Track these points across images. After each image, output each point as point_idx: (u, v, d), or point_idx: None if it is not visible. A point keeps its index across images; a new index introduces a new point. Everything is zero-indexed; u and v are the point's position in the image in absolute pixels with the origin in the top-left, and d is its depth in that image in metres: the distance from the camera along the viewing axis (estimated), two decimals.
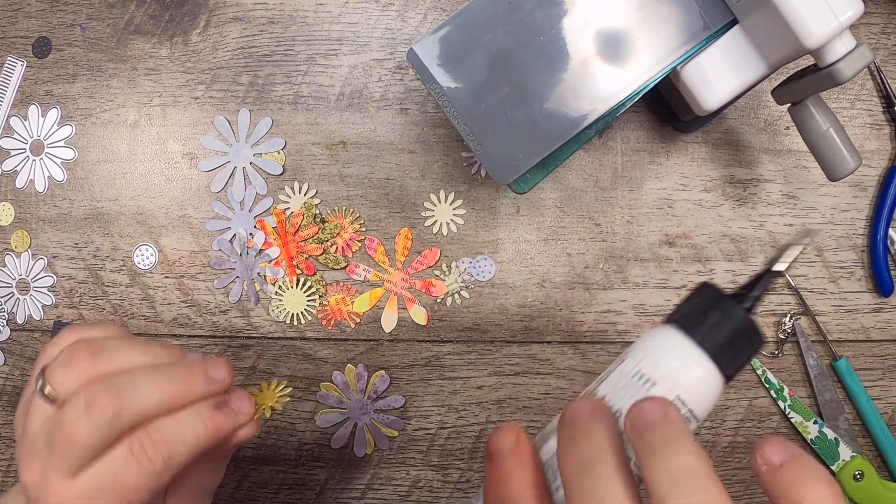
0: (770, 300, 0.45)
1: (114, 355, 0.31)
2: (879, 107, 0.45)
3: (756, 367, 0.45)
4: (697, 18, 0.34)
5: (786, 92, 0.37)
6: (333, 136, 0.46)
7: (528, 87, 0.34)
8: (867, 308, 0.45)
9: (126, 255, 0.46)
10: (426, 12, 0.46)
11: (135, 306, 0.46)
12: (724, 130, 0.45)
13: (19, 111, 0.47)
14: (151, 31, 0.46)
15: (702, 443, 0.45)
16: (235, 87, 0.46)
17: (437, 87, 0.34)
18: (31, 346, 0.47)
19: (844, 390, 0.45)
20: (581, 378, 0.45)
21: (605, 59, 0.34)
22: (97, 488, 0.30)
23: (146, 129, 0.46)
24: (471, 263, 0.45)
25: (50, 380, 0.30)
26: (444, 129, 0.45)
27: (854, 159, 0.36)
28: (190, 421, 0.31)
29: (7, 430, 0.47)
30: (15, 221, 0.47)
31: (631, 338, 0.45)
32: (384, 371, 0.45)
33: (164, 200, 0.46)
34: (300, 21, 0.46)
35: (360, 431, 0.45)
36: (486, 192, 0.45)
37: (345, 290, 0.45)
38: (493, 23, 0.33)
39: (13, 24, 0.47)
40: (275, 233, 0.45)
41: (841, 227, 0.45)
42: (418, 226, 0.45)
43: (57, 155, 0.47)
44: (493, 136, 0.34)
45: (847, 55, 0.32)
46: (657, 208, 0.45)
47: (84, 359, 0.30)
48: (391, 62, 0.46)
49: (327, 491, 0.46)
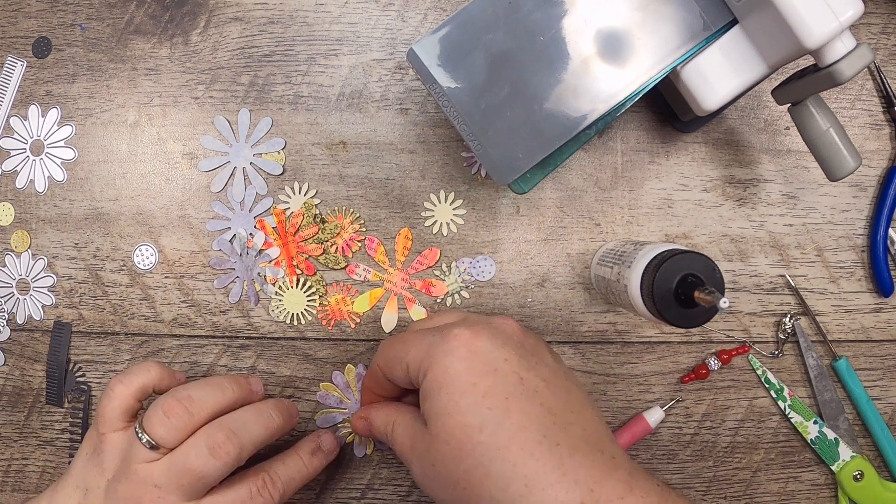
0: (770, 300, 0.45)
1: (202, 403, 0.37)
2: (879, 107, 0.45)
3: (756, 367, 0.45)
4: (697, 18, 0.34)
5: (786, 92, 0.37)
6: (333, 136, 0.46)
7: (528, 87, 0.34)
8: (867, 308, 0.45)
9: (126, 255, 0.46)
10: (426, 12, 0.46)
11: (135, 306, 0.46)
12: (724, 130, 0.45)
13: (19, 111, 0.47)
14: (151, 31, 0.46)
15: (702, 443, 0.45)
16: (235, 87, 0.46)
17: (437, 87, 0.34)
18: (31, 346, 0.47)
19: (844, 390, 0.45)
20: (581, 378, 0.45)
21: (605, 59, 0.34)
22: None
23: (146, 129, 0.46)
24: (471, 263, 0.45)
25: (151, 433, 0.36)
26: (444, 129, 0.45)
27: (854, 159, 0.36)
28: (297, 465, 0.40)
29: (7, 430, 0.47)
30: (15, 221, 0.47)
31: (631, 338, 0.45)
32: None
33: (164, 200, 0.46)
34: (300, 21, 0.46)
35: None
36: (486, 192, 0.45)
37: (345, 290, 0.45)
38: (493, 23, 0.33)
39: (13, 24, 0.47)
40: (275, 233, 0.46)
41: (841, 227, 0.45)
42: (418, 226, 0.45)
43: (57, 155, 0.47)
44: (493, 136, 0.34)
45: (847, 55, 0.32)
46: (657, 208, 0.45)
47: (181, 413, 0.36)
48: (391, 62, 0.46)
49: (327, 491, 0.46)
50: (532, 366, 0.33)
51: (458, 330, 0.33)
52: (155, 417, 0.36)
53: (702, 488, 0.45)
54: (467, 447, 0.31)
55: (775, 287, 0.45)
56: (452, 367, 0.32)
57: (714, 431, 0.45)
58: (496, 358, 0.32)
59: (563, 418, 0.31)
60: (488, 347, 0.33)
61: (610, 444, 0.32)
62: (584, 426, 0.32)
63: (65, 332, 0.46)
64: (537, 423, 0.31)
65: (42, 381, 0.47)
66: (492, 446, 0.30)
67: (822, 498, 0.45)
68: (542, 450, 0.30)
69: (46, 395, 0.46)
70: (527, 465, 0.30)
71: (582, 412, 0.33)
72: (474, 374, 0.32)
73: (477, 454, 0.30)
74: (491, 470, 0.30)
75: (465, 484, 0.31)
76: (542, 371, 0.33)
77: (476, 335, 0.33)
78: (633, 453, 0.45)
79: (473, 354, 0.32)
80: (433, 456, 0.32)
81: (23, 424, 0.47)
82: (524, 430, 0.30)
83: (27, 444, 0.47)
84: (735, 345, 0.45)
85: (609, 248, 0.43)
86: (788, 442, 0.45)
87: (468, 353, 0.32)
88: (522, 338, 0.35)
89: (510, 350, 0.33)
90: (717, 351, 0.45)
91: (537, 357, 0.34)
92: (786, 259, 0.45)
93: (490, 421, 0.31)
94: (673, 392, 0.45)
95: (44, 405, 0.47)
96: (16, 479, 0.47)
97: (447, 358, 0.32)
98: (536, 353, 0.35)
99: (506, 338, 0.34)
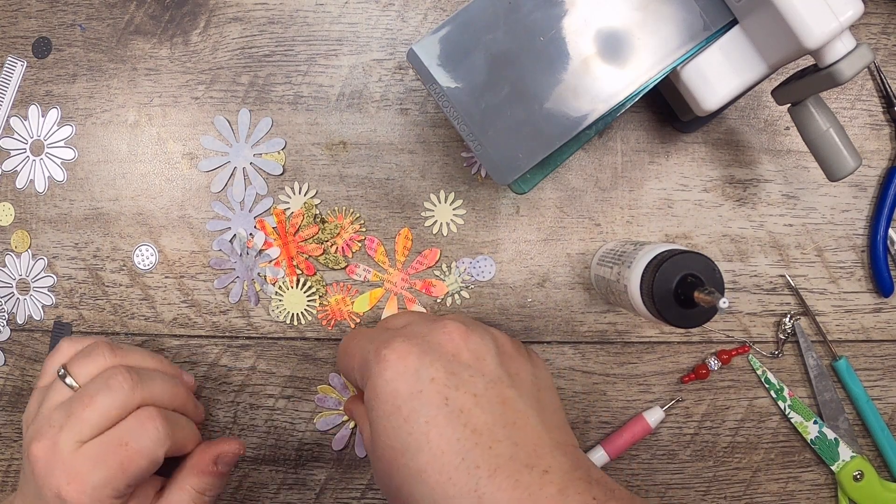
0: (770, 300, 0.45)
1: (129, 354, 0.38)
2: (879, 107, 0.45)
3: (756, 367, 0.45)
4: (697, 18, 0.34)
5: (786, 92, 0.37)
6: (333, 137, 0.46)
7: (528, 88, 0.34)
8: (867, 308, 0.45)
9: (126, 255, 0.46)
10: (426, 12, 0.46)
11: (135, 306, 0.46)
12: (724, 130, 0.45)
13: (19, 111, 0.47)
14: (151, 31, 0.46)
15: (702, 443, 0.45)
16: (235, 88, 0.46)
17: (437, 87, 0.34)
18: (31, 346, 0.47)
19: (844, 390, 0.45)
20: (581, 378, 0.45)
21: (605, 59, 0.34)
22: (103, 453, 0.34)
23: (146, 129, 0.46)
24: (471, 263, 0.45)
25: (71, 370, 0.36)
26: (444, 129, 0.45)
27: (854, 159, 0.36)
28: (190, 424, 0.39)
29: (7, 430, 0.47)
30: (15, 221, 0.47)
31: (631, 338, 0.45)
32: None
33: (164, 200, 0.46)
34: (300, 21, 0.46)
35: (360, 432, 0.45)
36: (486, 192, 0.45)
37: (345, 290, 0.45)
38: (493, 23, 0.33)
39: (13, 24, 0.47)
40: (275, 233, 0.46)
41: (841, 227, 0.45)
42: (418, 226, 0.45)
43: (57, 155, 0.47)
44: (493, 136, 0.34)
45: (847, 55, 0.32)
46: (657, 208, 0.45)
47: (103, 352, 0.37)
48: (391, 62, 0.46)
49: (327, 491, 0.46)
50: (462, 382, 0.32)
51: (387, 350, 0.33)
52: (79, 355, 0.37)
53: (702, 488, 0.45)
54: (394, 468, 0.32)
55: (775, 287, 0.45)
56: (380, 388, 0.33)
57: (714, 431, 0.45)
58: (422, 378, 0.32)
59: (488, 436, 0.31)
60: (415, 367, 0.32)
61: (547, 455, 0.31)
62: (516, 440, 0.31)
63: (65, 332, 0.46)
64: (457, 446, 0.30)
65: None
66: (413, 470, 0.31)
67: (822, 498, 0.45)
68: (460, 474, 0.30)
69: None
70: (445, 490, 0.30)
71: (517, 424, 0.32)
72: (398, 397, 0.32)
73: (402, 475, 0.31)
74: (414, 491, 0.31)
75: (398, 497, 0.32)
76: (475, 385, 0.33)
77: (404, 355, 0.33)
78: (634, 453, 0.45)
79: (399, 376, 0.32)
80: (374, 465, 0.34)
81: None
82: (442, 456, 0.30)
83: None
84: (735, 345, 0.45)
85: (609, 248, 0.43)
86: (788, 442, 0.45)
87: (394, 374, 0.32)
88: (461, 347, 0.34)
89: (438, 367, 0.32)
90: (717, 351, 0.45)
91: (474, 368, 0.33)
92: (786, 259, 0.45)
93: (411, 446, 0.31)
94: (673, 392, 0.45)
95: None
96: (16, 479, 0.47)
97: (378, 379, 0.33)
98: (475, 363, 0.34)
99: (437, 354, 0.33)
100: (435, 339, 0.34)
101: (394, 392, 0.32)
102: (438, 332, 0.34)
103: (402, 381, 0.32)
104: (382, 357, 0.33)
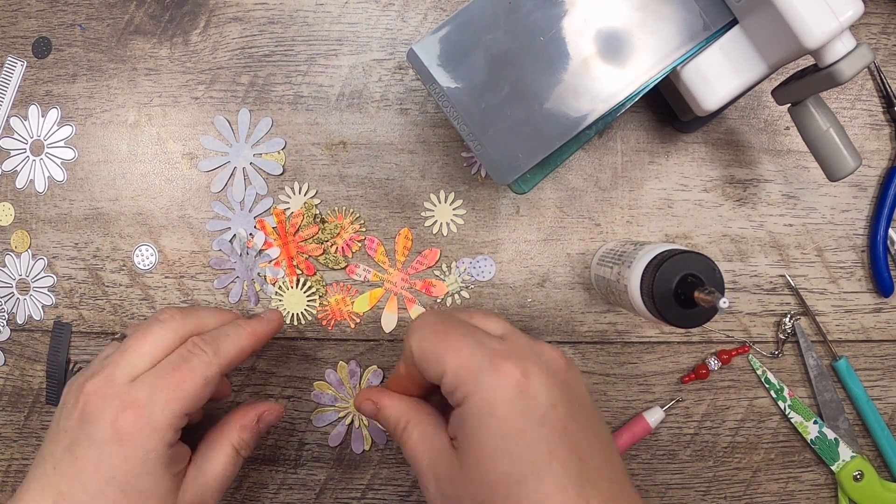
0: (770, 300, 0.45)
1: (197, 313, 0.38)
2: (879, 107, 0.45)
3: (756, 367, 0.45)
4: (697, 18, 0.34)
5: (786, 92, 0.37)
6: (333, 137, 0.46)
7: (528, 88, 0.34)
8: (867, 308, 0.45)
9: (126, 255, 0.46)
10: (426, 12, 0.46)
11: (135, 306, 0.46)
12: (724, 130, 0.45)
13: (19, 111, 0.47)
14: (151, 31, 0.46)
15: (702, 443, 0.45)
16: (235, 87, 0.46)
17: (437, 87, 0.34)
18: (31, 346, 0.47)
19: (844, 390, 0.45)
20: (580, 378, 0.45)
21: (605, 59, 0.34)
22: (158, 379, 0.34)
23: (146, 129, 0.46)
24: (471, 263, 0.45)
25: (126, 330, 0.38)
26: (444, 129, 0.45)
27: (854, 159, 0.36)
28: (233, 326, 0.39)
29: (7, 430, 0.47)
30: (15, 221, 0.47)
31: (631, 338, 0.45)
32: (376, 366, 0.45)
33: (164, 200, 0.46)
34: (300, 21, 0.46)
35: (356, 428, 0.45)
36: (486, 192, 0.45)
37: (345, 290, 0.45)
38: (493, 23, 0.33)
39: (13, 24, 0.47)
40: (275, 233, 0.45)
41: (841, 227, 0.45)
42: (418, 226, 0.45)
43: (57, 155, 0.47)
44: (493, 136, 0.34)
45: (847, 55, 0.32)
46: (657, 208, 0.45)
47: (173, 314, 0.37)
48: (391, 62, 0.46)
49: (327, 491, 0.46)
50: (574, 411, 0.31)
51: (508, 365, 0.30)
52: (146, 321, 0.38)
53: (702, 488, 0.45)
54: (501, 494, 0.29)
55: (775, 287, 0.45)
56: (500, 408, 0.30)
57: (714, 431, 0.45)
58: (545, 405, 0.30)
59: (595, 472, 0.30)
60: (539, 392, 0.30)
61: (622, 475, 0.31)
62: (612, 476, 0.30)
63: (65, 332, 0.46)
64: (576, 480, 0.29)
65: (42, 381, 0.47)
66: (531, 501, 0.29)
67: (822, 498, 0.45)
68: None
69: (46, 396, 0.46)
70: None
71: (604, 452, 0.31)
72: (523, 419, 0.30)
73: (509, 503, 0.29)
74: None
75: None
76: (583, 416, 0.31)
77: (528, 376, 0.30)
78: (634, 453, 0.45)
79: (523, 397, 0.30)
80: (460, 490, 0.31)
81: (23, 424, 0.47)
82: (563, 491, 0.29)
83: (27, 444, 0.47)
84: (735, 345, 0.45)
85: (609, 248, 0.43)
86: (788, 442, 0.45)
87: (517, 394, 0.30)
88: (567, 374, 0.32)
89: (558, 395, 0.30)
90: (717, 351, 0.45)
91: (577, 399, 0.32)
92: (786, 259, 0.45)
93: (532, 476, 0.29)
94: (673, 392, 0.45)
95: (44, 405, 0.47)
96: (16, 479, 0.47)
97: (495, 394, 0.30)
98: (576, 391, 0.32)
99: (556, 381, 0.31)
100: (549, 362, 0.32)
101: (519, 413, 0.29)
102: (548, 355, 0.33)
103: (526, 404, 0.30)
104: (504, 371, 0.30)
